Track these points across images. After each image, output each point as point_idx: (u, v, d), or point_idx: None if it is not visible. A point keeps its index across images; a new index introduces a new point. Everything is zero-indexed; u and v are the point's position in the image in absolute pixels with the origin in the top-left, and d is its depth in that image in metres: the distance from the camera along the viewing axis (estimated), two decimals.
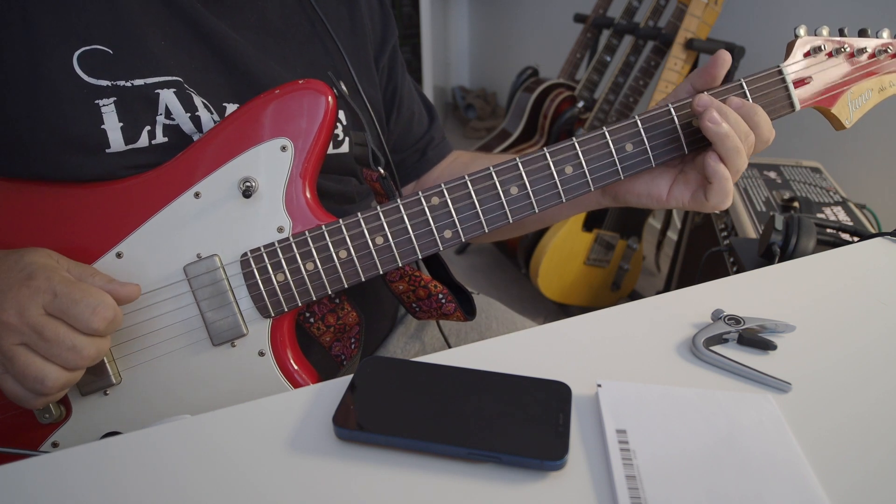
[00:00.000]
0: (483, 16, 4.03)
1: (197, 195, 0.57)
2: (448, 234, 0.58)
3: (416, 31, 3.86)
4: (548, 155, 0.58)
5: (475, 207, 0.58)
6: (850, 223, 1.16)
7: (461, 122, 3.97)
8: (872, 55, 0.63)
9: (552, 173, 0.58)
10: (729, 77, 0.60)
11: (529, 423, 0.42)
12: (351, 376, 0.47)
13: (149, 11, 0.58)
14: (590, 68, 2.21)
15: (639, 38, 1.96)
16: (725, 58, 0.58)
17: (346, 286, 0.58)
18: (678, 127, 0.59)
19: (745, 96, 0.59)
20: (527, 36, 3.48)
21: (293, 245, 0.57)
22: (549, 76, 2.43)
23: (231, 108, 0.62)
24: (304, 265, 0.57)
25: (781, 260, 0.87)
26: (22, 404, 0.51)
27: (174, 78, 0.58)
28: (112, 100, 0.56)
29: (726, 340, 0.52)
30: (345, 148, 0.70)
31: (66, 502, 0.39)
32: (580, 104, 2.16)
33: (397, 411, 0.43)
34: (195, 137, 0.59)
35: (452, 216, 0.58)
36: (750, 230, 1.17)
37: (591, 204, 0.69)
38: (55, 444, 0.57)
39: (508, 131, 2.36)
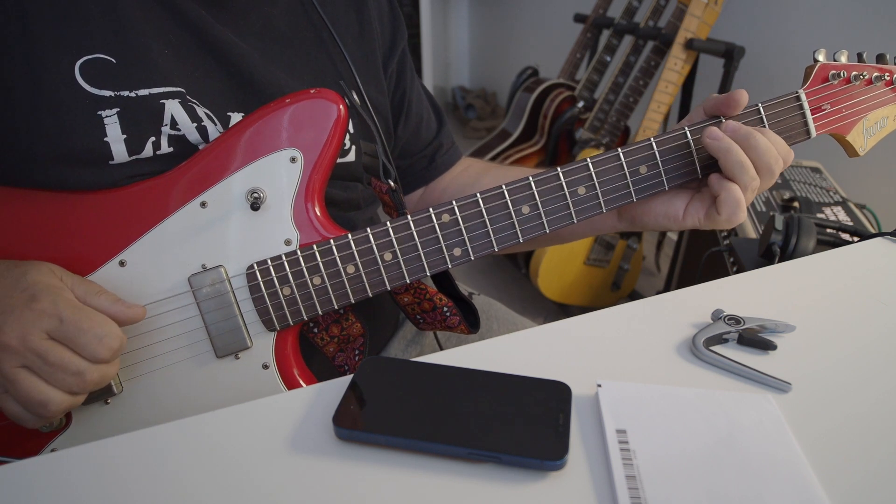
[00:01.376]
0: (483, 16, 4.03)
1: (203, 204, 0.56)
2: (457, 251, 0.58)
3: (416, 31, 3.87)
4: (561, 175, 0.57)
5: (486, 226, 0.57)
6: (850, 223, 1.16)
7: (461, 122, 3.97)
8: (890, 82, 0.62)
9: (564, 194, 0.58)
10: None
11: (529, 423, 0.42)
12: (351, 376, 0.47)
13: (152, 19, 0.57)
14: (590, 68, 2.21)
15: (639, 38, 1.96)
16: (742, 99, 0.57)
17: (352, 301, 0.57)
18: (693, 151, 0.58)
19: (762, 121, 0.58)
20: (527, 36, 3.48)
21: (300, 259, 0.56)
22: (549, 76, 2.43)
23: (236, 117, 0.61)
24: (311, 279, 0.57)
25: (781, 260, 0.87)
26: (22, 424, 0.51)
27: (177, 89, 0.57)
28: (115, 111, 0.54)
29: (726, 340, 0.52)
30: (351, 157, 0.69)
31: (66, 502, 0.39)
32: (580, 104, 2.16)
33: (397, 411, 0.43)
34: (201, 147, 0.58)
35: (463, 234, 0.57)
36: (750, 230, 1.17)
37: (605, 228, 0.68)
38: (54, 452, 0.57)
39: (508, 131, 2.36)
